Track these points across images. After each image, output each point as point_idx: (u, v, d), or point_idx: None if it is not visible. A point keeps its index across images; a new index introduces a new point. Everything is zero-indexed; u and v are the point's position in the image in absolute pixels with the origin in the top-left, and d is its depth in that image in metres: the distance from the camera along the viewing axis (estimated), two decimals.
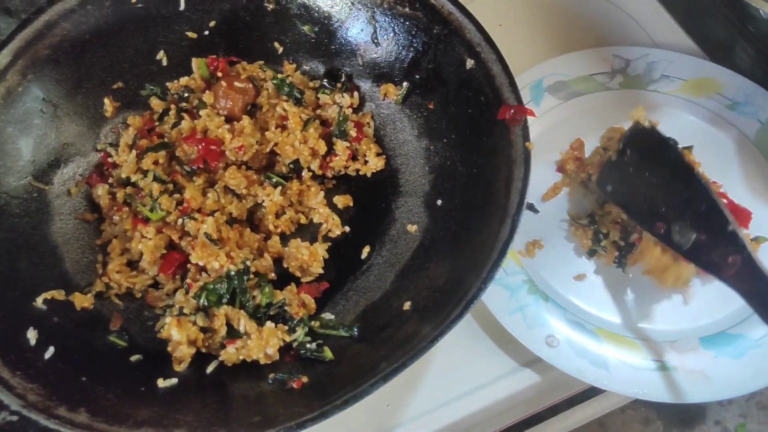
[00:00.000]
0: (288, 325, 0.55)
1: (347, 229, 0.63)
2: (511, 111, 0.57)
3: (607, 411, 0.71)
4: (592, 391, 0.68)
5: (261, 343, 0.53)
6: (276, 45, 0.69)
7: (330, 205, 0.63)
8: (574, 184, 0.67)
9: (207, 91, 0.64)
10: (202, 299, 0.55)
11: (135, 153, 0.62)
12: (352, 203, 0.64)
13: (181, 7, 0.66)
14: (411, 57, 0.65)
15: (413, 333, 0.50)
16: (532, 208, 0.66)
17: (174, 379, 0.52)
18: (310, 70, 0.69)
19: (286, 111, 0.64)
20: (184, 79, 0.66)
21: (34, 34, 0.61)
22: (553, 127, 0.69)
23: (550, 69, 0.71)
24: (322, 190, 0.64)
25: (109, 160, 0.63)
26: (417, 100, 0.65)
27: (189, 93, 0.66)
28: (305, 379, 0.51)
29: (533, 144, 0.55)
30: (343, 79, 0.67)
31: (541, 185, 0.67)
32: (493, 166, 0.57)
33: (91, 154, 0.64)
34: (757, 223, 0.62)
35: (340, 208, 0.64)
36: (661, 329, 0.59)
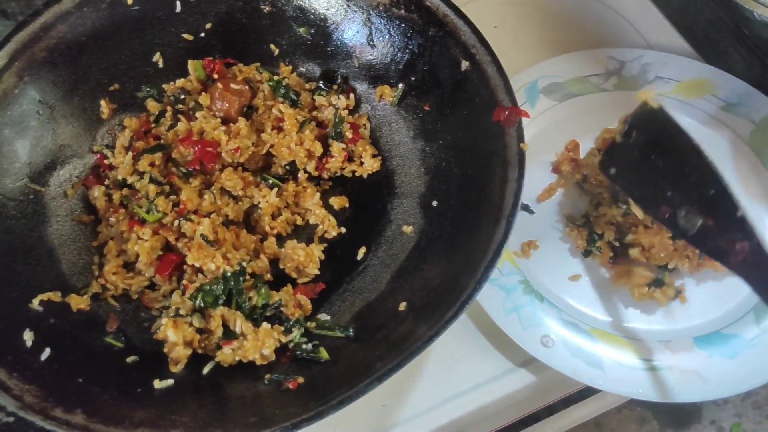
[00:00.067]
0: (284, 326, 0.55)
1: (343, 230, 0.63)
2: (506, 112, 0.57)
3: (603, 411, 0.71)
4: (588, 391, 0.68)
5: (257, 344, 0.53)
6: (272, 47, 0.69)
7: (326, 206, 0.63)
8: (569, 185, 0.67)
9: (203, 93, 0.64)
10: (199, 300, 0.55)
11: (131, 155, 0.62)
12: (348, 204, 0.64)
13: (177, 9, 0.66)
14: (406, 59, 0.65)
15: (408, 333, 0.50)
16: (527, 209, 0.66)
17: (170, 380, 0.52)
18: (306, 71, 0.69)
19: (282, 113, 0.64)
20: (181, 81, 0.66)
21: (30, 36, 0.61)
22: (548, 128, 0.69)
23: (545, 70, 0.71)
24: (318, 191, 0.64)
25: (106, 162, 0.64)
26: (412, 102, 0.65)
27: (185, 95, 0.66)
28: (301, 380, 0.51)
29: (528, 145, 0.56)
30: (339, 80, 0.67)
31: (536, 186, 0.67)
32: (488, 167, 0.57)
33: (88, 156, 0.64)
34: None
35: (336, 209, 0.64)
36: (656, 329, 0.60)
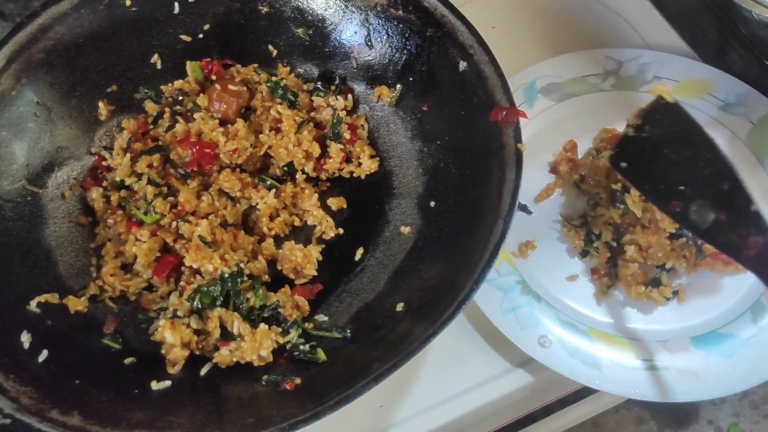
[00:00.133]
0: (281, 327, 0.55)
1: (341, 231, 0.63)
2: (503, 113, 0.57)
3: (601, 411, 0.71)
4: (585, 391, 0.68)
5: (255, 345, 0.53)
6: (270, 48, 0.69)
7: (324, 207, 0.63)
8: (567, 185, 0.67)
9: (201, 94, 0.64)
10: (196, 302, 0.55)
11: (129, 156, 0.62)
12: (346, 205, 0.64)
13: (176, 10, 0.66)
14: (404, 59, 0.65)
15: (406, 334, 0.50)
16: (525, 209, 0.66)
17: (168, 382, 0.52)
18: (304, 72, 0.69)
19: (280, 114, 0.64)
20: (179, 83, 0.66)
21: (28, 38, 0.61)
22: (546, 128, 0.69)
23: (543, 71, 0.71)
24: (316, 192, 0.64)
25: (104, 164, 0.64)
26: (410, 102, 0.65)
27: (183, 96, 0.66)
28: (298, 381, 0.51)
29: (525, 145, 0.56)
30: (337, 81, 0.67)
31: (534, 186, 0.67)
32: (486, 167, 0.57)
33: (86, 158, 0.64)
34: None
35: (334, 210, 0.64)
36: (653, 329, 0.60)
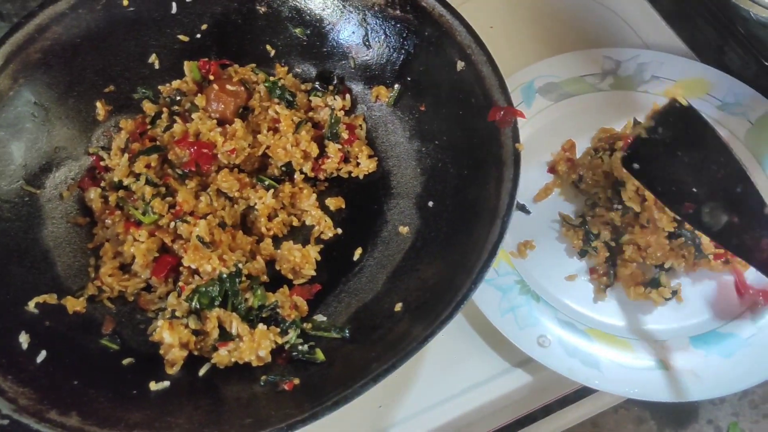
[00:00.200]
0: (280, 327, 0.55)
1: (339, 231, 0.63)
2: (501, 112, 0.57)
3: (600, 411, 0.71)
4: (585, 391, 0.68)
5: (253, 346, 0.53)
6: (268, 48, 0.69)
7: (322, 207, 0.63)
8: (566, 185, 0.67)
9: (199, 94, 0.64)
10: (194, 302, 0.55)
11: (127, 156, 0.62)
12: (345, 205, 0.64)
13: (173, 10, 0.66)
14: (402, 59, 0.65)
15: (404, 334, 0.50)
16: (523, 209, 0.66)
17: (166, 382, 0.52)
18: (302, 72, 0.69)
19: (278, 114, 0.64)
20: (176, 83, 0.66)
21: (25, 38, 0.61)
22: (544, 128, 0.69)
23: (541, 70, 0.71)
24: (315, 192, 0.64)
25: (101, 164, 0.63)
26: (408, 102, 0.65)
27: (181, 96, 0.66)
28: (297, 381, 0.51)
29: (523, 145, 0.56)
30: (334, 81, 0.67)
31: (532, 186, 0.67)
32: (484, 167, 0.57)
33: (83, 158, 0.64)
34: None
35: (333, 210, 0.64)
36: (652, 328, 0.60)
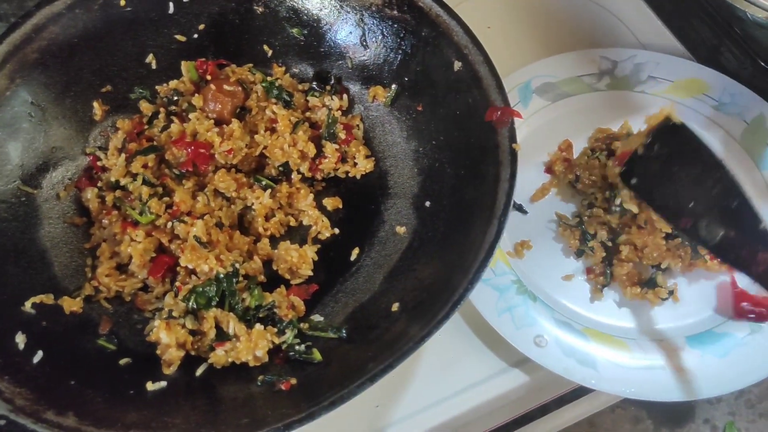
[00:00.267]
0: (277, 327, 0.55)
1: (336, 231, 0.63)
2: (498, 113, 0.57)
3: (597, 410, 0.71)
4: (581, 391, 0.68)
5: (250, 346, 0.53)
6: (265, 48, 0.69)
7: (319, 207, 0.63)
8: (562, 185, 0.67)
9: (196, 95, 0.64)
10: (191, 302, 0.55)
11: (124, 156, 0.62)
12: (342, 205, 0.64)
13: (170, 10, 0.66)
14: (399, 59, 0.65)
15: (401, 334, 0.50)
16: (520, 209, 0.66)
17: (163, 382, 0.52)
18: (300, 72, 0.69)
19: (275, 114, 0.64)
20: (174, 83, 0.66)
21: (22, 38, 0.61)
22: (541, 128, 0.69)
23: (538, 70, 0.71)
24: (312, 192, 0.64)
25: (98, 164, 0.63)
26: (406, 102, 0.65)
27: (178, 96, 0.66)
28: (294, 381, 0.51)
29: (520, 145, 0.56)
30: (332, 81, 0.67)
31: (529, 186, 0.67)
32: (481, 167, 0.57)
33: (80, 158, 0.64)
34: None
35: (330, 210, 0.64)
36: (649, 328, 0.60)
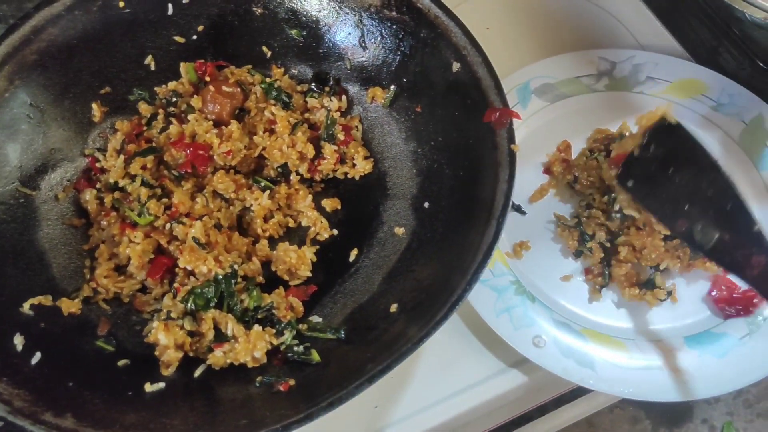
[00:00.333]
0: (276, 329, 0.55)
1: (335, 232, 0.63)
2: (497, 114, 0.57)
3: (595, 410, 0.71)
4: (580, 391, 0.68)
5: (248, 347, 0.53)
6: (264, 49, 0.69)
7: (318, 208, 0.63)
8: (561, 185, 0.67)
9: (195, 96, 0.64)
10: (190, 303, 0.55)
11: (123, 158, 0.62)
12: (341, 206, 0.64)
13: (169, 11, 0.66)
14: (398, 60, 0.65)
15: (400, 334, 0.50)
16: (519, 209, 0.66)
17: (161, 384, 0.52)
18: (299, 73, 0.69)
19: (274, 115, 0.64)
20: (173, 84, 0.66)
21: (21, 40, 0.61)
22: (540, 129, 0.69)
23: (536, 71, 0.71)
24: (311, 193, 0.64)
25: (97, 165, 0.63)
26: (404, 104, 0.65)
27: (177, 97, 0.66)
28: (292, 382, 0.51)
29: (519, 146, 0.56)
30: (331, 82, 0.67)
31: (528, 187, 0.67)
32: (479, 168, 0.57)
33: (79, 159, 0.64)
34: None
35: (329, 211, 0.64)
36: (647, 329, 0.60)
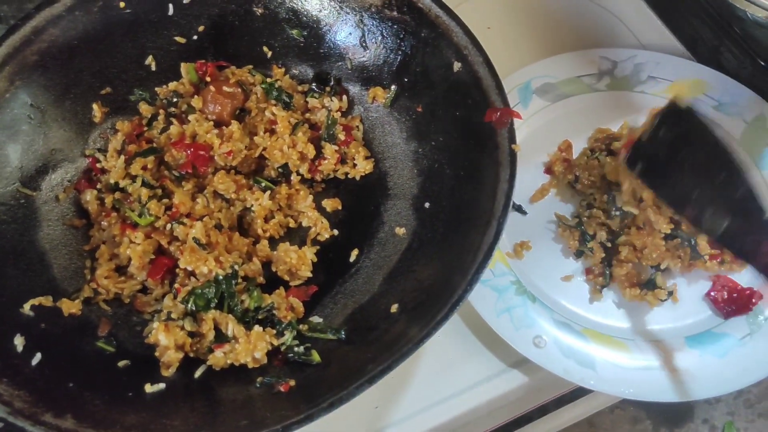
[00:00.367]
0: (276, 329, 0.55)
1: (336, 232, 0.63)
2: (498, 113, 0.57)
3: (596, 411, 0.71)
4: (581, 391, 0.68)
5: (249, 347, 0.53)
6: (265, 49, 0.69)
7: (319, 208, 0.63)
8: (562, 185, 0.67)
9: (196, 96, 0.64)
10: (190, 304, 0.55)
11: (123, 158, 0.62)
12: (341, 206, 0.64)
13: (170, 12, 0.66)
14: (399, 60, 0.65)
15: (400, 335, 0.50)
16: (520, 209, 0.66)
17: (162, 384, 0.52)
18: (299, 74, 0.69)
19: (274, 115, 0.64)
20: (173, 84, 0.66)
21: (21, 40, 0.61)
22: (541, 128, 0.69)
23: (537, 71, 0.71)
24: (311, 193, 0.64)
25: (98, 166, 0.63)
26: (405, 103, 0.65)
27: (178, 98, 0.66)
28: (292, 383, 0.51)
29: (520, 146, 0.56)
30: (331, 82, 0.67)
31: (529, 187, 0.67)
32: (480, 168, 0.57)
33: (80, 160, 0.64)
34: None
35: (329, 211, 0.64)
36: (648, 329, 0.60)
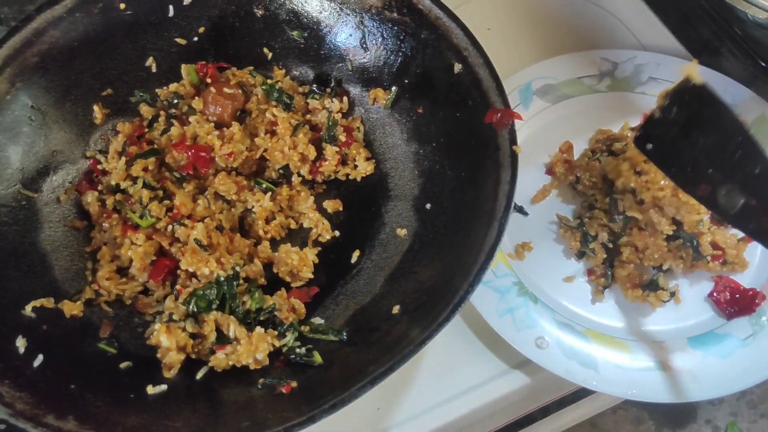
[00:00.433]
0: (278, 330, 0.55)
1: (337, 233, 0.63)
2: (498, 114, 0.57)
3: (598, 411, 0.71)
4: (583, 392, 0.68)
5: (251, 349, 0.53)
6: (265, 51, 0.69)
7: (320, 209, 0.63)
8: (563, 186, 0.67)
9: (196, 98, 0.64)
10: (192, 305, 0.55)
11: (124, 160, 0.62)
12: (342, 208, 0.64)
13: (170, 13, 0.66)
14: (399, 61, 0.65)
15: (402, 336, 0.50)
16: (521, 210, 0.66)
17: (163, 386, 0.52)
18: (300, 75, 0.69)
19: (275, 116, 0.64)
20: (174, 86, 0.66)
21: (22, 42, 0.61)
22: (542, 129, 0.69)
23: (538, 72, 0.71)
24: (312, 195, 0.64)
25: (99, 167, 0.63)
26: (406, 105, 0.65)
27: (178, 99, 0.66)
28: (294, 384, 0.51)
29: (521, 147, 0.56)
30: (332, 84, 0.67)
31: (530, 188, 0.67)
32: (481, 169, 0.57)
33: (81, 162, 0.64)
34: None
35: (330, 212, 0.64)
36: (650, 330, 0.60)
